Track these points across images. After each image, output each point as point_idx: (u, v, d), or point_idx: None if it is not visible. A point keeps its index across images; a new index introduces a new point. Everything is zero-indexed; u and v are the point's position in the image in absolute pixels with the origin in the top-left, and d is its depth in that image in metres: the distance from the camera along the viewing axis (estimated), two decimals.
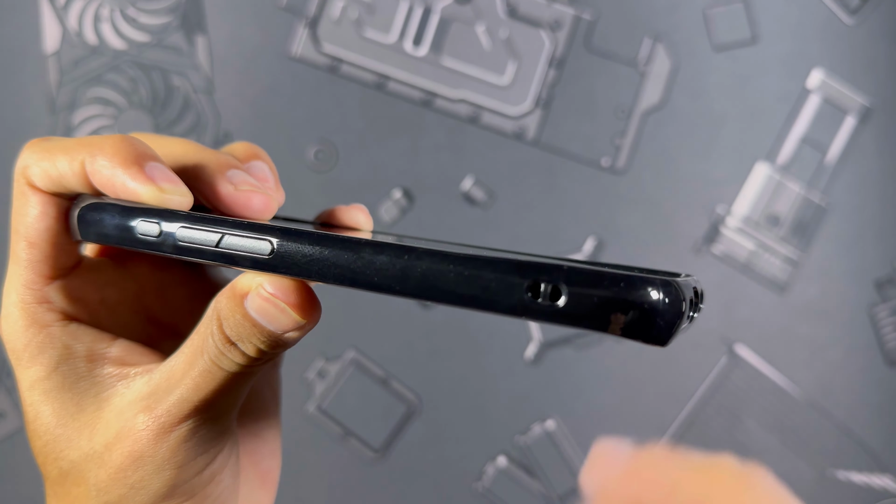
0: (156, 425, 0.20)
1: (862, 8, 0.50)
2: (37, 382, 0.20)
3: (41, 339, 0.20)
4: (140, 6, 0.47)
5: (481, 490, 0.51)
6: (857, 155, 0.51)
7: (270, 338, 0.19)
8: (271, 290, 0.18)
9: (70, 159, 0.19)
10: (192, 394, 0.19)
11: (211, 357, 0.19)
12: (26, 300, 0.20)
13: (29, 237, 0.20)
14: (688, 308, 0.14)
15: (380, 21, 0.49)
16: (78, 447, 0.20)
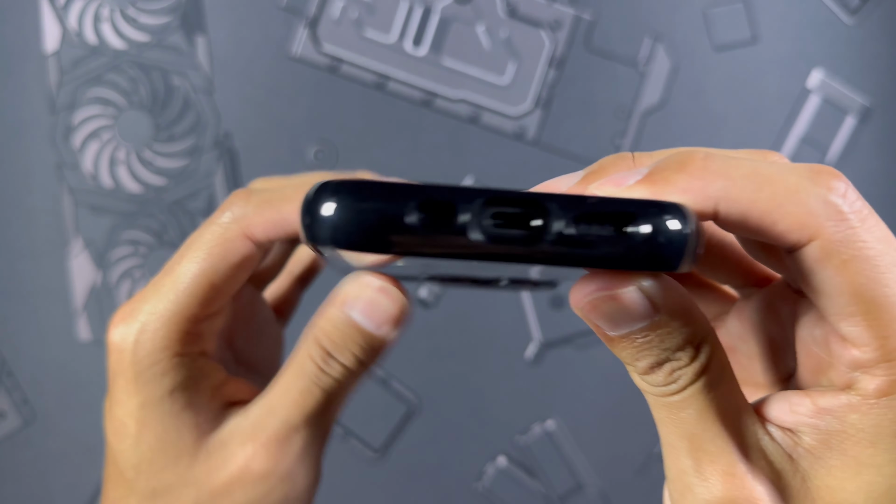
0: (265, 451, 0.21)
1: (862, 8, 0.50)
2: (152, 402, 0.21)
3: (171, 365, 0.21)
4: (140, 6, 0.48)
5: (481, 490, 0.51)
6: (856, 155, 0.51)
7: (369, 341, 0.20)
8: (377, 280, 0.19)
9: (297, 209, 0.18)
10: (294, 414, 0.21)
11: (309, 376, 0.20)
12: (177, 328, 0.21)
13: (215, 281, 0.21)
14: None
15: (380, 21, 0.49)
16: (175, 472, 0.21)
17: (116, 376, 0.22)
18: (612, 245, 0.15)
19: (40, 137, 0.47)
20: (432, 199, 0.14)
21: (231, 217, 0.21)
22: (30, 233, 0.48)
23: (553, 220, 0.14)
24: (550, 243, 0.15)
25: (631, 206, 0.15)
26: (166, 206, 0.48)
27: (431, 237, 0.14)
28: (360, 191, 0.15)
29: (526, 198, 0.15)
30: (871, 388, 0.17)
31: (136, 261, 0.48)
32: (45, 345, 0.48)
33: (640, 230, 0.14)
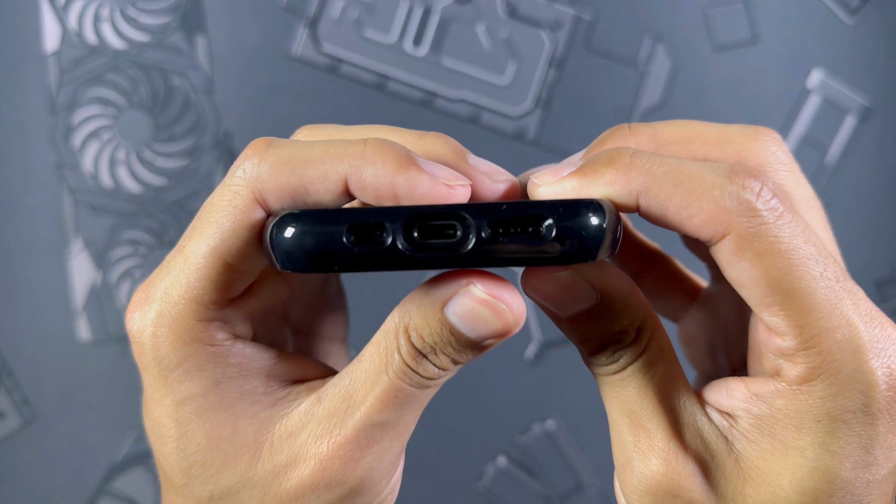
0: (342, 453, 0.18)
1: (862, 8, 0.50)
2: (190, 399, 0.19)
3: (204, 357, 0.19)
4: (140, 6, 0.48)
5: (481, 490, 0.51)
6: (857, 155, 0.51)
7: (468, 345, 0.18)
8: (487, 290, 0.17)
9: (323, 177, 0.17)
10: (376, 414, 0.18)
11: (396, 373, 0.18)
12: (195, 316, 0.18)
13: (228, 257, 0.18)
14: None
15: (380, 21, 0.49)
16: (234, 471, 0.19)
17: (144, 371, 0.19)
18: (527, 245, 0.16)
19: (40, 137, 0.47)
20: (361, 221, 0.16)
21: (242, 179, 0.18)
22: (30, 233, 0.48)
23: (470, 228, 0.16)
24: (471, 250, 0.16)
25: (538, 208, 0.16)
26: (166, 206, 0.48)
27: (366, 255, 0.16)
28: (303, 221, 0.16)
29: (444, 211, 0.16)
30: (793, 375, 0.18)
31: (136, 261, 0.48)
32: (45, 345, 0.48)
33: (548, 229, 0.16)
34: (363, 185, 0.17)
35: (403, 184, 0.17)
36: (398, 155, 0.17)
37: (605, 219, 0.16)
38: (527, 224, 0.16)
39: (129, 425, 0.49)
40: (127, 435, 0.49)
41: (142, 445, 0.49)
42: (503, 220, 0.16)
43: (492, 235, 0.16)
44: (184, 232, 0.19)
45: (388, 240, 0.16)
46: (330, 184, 0.17)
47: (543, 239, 0.16)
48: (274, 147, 0.18)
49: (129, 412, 0.49)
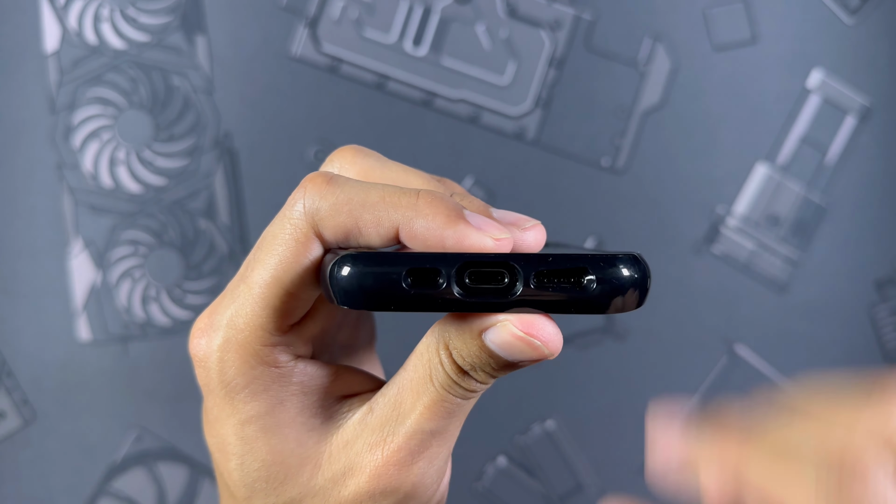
0: (396, 459, 0.19)
1: (862, 8, 0.50)
2: (256, 418, 0.20)
3: (269, 379, 0.20)
4: (140, 6, 0.48)
5: (481, 490, 0.51)
6: (857, 155, 0.51)
7: (506, 366, 0.19)
8: (522, 328, 0.18)
9: (377, 221, 0.18)
10: (425, 423, 0.19)
11: (441, 385, 0.19)
12: (258, 340, 0.20)
13: (287, 285, 0.19)
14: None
15: (380, 21, 0.49)
16: (297, 483, 0.20)
17: (209, 393, 0.21)
18: (570, 295, 0.18)
19: (40, 137, 0.47)
20: (419, 266, 0.17)
21: (302, 212, 0.19)
22: (29, 232, 0.48)
23: (518, 277, 0.17)
24: (518, 297, 0.17)
25: (582, 262, 0.17)
26: (166, 205, 0.48)
27: (422, 298, 0.18)
28: (364, 262, 0.18)
29: (495, 260, 0.18)
30: None
31: (136, 261, 0.48)
32: (45, 345, 0.48)
33: (589, 282, 0.17)
34: (414, 235, 0.18)
35: (452, 236, 0.18)
36: (448, 209, 0.18)
37: (641, 273, 0.18)
38: (570, 275, 0.17)
39: (129, 425, 0.49)
40: (127, 435, 0.49)
41: (142, 445, 0.49)
42: (549, 271, 0.17)
43: (538, 285, 0.17)
44: (183, 230, 0.20)
45: (443, 284, 0.17)
46: (383, 230, 0.19)
47: (585, 290, 0.18)
48: (333, 185, 0.19)
49: (128, 412, 0.49)
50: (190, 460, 0.49)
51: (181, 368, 0.49)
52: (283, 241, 0.19)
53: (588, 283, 0.17)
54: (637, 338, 0.51)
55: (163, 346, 0.49)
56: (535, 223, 0.19)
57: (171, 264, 0.48)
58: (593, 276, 0.17)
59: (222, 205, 0.49)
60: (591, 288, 0.17)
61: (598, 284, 0.17)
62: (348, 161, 0.22)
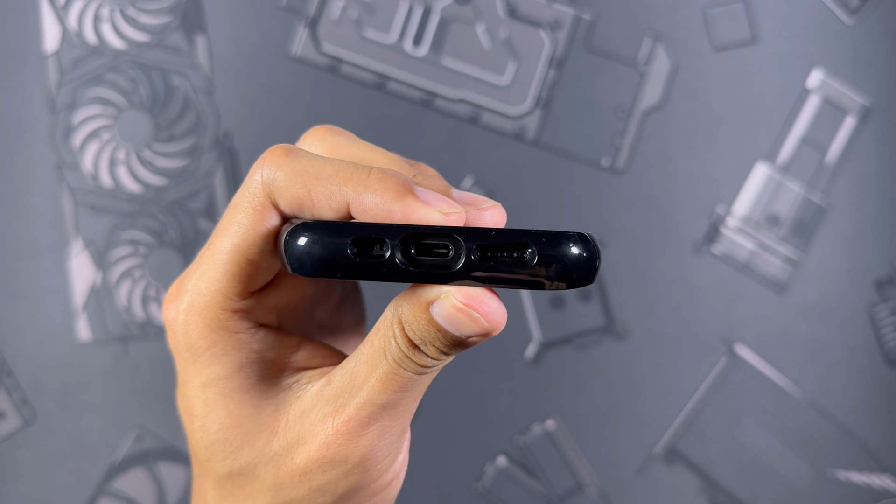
0: (345, 429, 0.20)
1: (862, 8, 0.50)
2: (215, 382, 0.21)
3: (229, 343, 0.21)
4: (140, 6, 0.48)
5: (481, 490, 0.51)
6: (857, 155, 0.51)
7: (454, 342, 0.19)
8: (463, 300, 0.18)
9: (329, 195, 0.19)
10: (377, 395, 0.20)
11: (394, 358, 0.19)
12: (220, 306, 0.20)
13: (246, 253, 0.20)
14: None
15: (380, 21, 0.49)
16: (253, 448, 0.21)
17: (177, 356, 0.22)
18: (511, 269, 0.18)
19: (40, 137, 0.47)
20: (365, 235, 0.18)
21: (259, 183, 0.20)
22: (29, 233, 0.48)
23: (461, 250, 0.18)
24: (460, 269, 0.18)
25: (523, 237, 0.18)
26: (166, 205, 0.48)
27: (366, 266, 0.18)
28: (313, 231, 0.18)
29: (438, 231, 0.18)
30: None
31: (136, 261, 0.48)
32: (45, 345, 0.48)
33: (531, 256, 0.18)
34: (363, 209, 0.19)
35: (400, 210, 0.18)
36: (397, 184, 0.19)
37: (586, 251, 0.18)
38: (513, 250, 0.18)
39: (129, 425, 0.49)
40: (127, 435, 0.49)
41: (142, 445, 0.49)
42: (491, 244, 0.18)
43: (480, 258, 0.18)
44: (183, 230, 0.21)
45: (387, 253, 0.18)
46: (334, 203, 0.19)
47: (525, 265, 0.18)
48: (291, 157, 0.20)
49: (129, 412, 0.49)
50: (190, 460, 0.49)
51: None
52: (242, 209, 0.20)
53: (529, 258, 0.18)
54: (637, 338, 0.51)
55: (163, 345, 0.49)
56: (494, 204, 0.19)
57: (171, 264, 0.48)
58: (534, 251, 0.18)
59: (222, 205, 0.49)
60: (532, 263, 0.18)
61: (538, 260, 0.18)
62: (318, 138, 0.22)
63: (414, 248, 0.18)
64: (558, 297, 0.51)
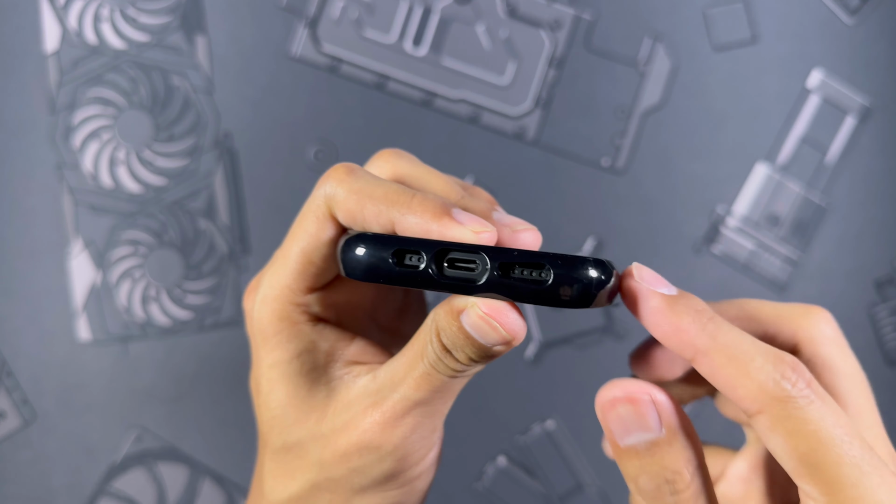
0: (382, 419, 0.23)
1: (862, 8, 0.50)
2: (278, 364, 0.24)
3: (291, 332, 0.24)
4: (140, 6, 0.48)
5: (481, 490, 0.51)
6: (856, 155, 0.51)
7: (481, 349, 0.21)
8: (485, 310, 0.20)
9: (378, 213, 0.22)
10: (412, 392, 0.22)
11: (430, 361, 0.22)
12: (286, 300, 0.24)
13: (310, 256, 0.24)
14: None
15: (380, 21, 0.49)
16: (304, 427, 0.24)
17: (252, 339, 0.25)
18: (529, 286, 0.20)
19: (40, 137, 0.47)
20: (403, 248, 0.21)
21: (322, 196, 0.23)
22: (30, 233, 0.48)
23: (487, 266, 0.20)
24: (484, 283, 0.20)
25: (542, 258, 0.20)
26: (166, 205, 0.48)
27: (403, 274, 0.21)
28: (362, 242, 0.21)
29: (465, 248, 0.20)
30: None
31: (136, 261, 0.48)
32: (45, 345, 0.48)
33: (546, 274, 0.20)
34: (406, 227, 0.22)
35: (436, 229, 0.21)
36: (435, 206, 0.21)
37: (601, 275, 0.20)
38: (532, 269, 0.20)
39: (129, 425, 0.49)
40: (127, 435, 0.49)
41: (142, 445, 0.49)
42: (512, 263, 0.20)
43: (502, 274, 0.20)
44: (183, 230, 0.22)
45: (422, 265, 0.21)
46: (381, 220, 0.22)
47: (542, 283, 0.20)
48: (350, 176, 0.23)
49: (129, 412, 0.49)
50: (190, 460, 0.49)
51: (181, 368, 0.49)
52: (308, 219, 0.23)
53: (545, 278, 0.20)
54: (637, 337, 0.51)
55: (163, 346, 0.49)
56: (530, 227, 0.22)
57: (171, 264, 0.48)
58: (550, 272, 0.20)
59: (222, 205, 0.49)
60: (548, 282, 0.20)
61: (553, 280, 0.20)
62: (384, 160, 0.26)
63: (446, 261, 0.21)
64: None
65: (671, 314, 0.21)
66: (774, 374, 0.20)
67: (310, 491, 0.24)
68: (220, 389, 0.49)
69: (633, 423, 0.21)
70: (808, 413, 0.20)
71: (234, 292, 0.49)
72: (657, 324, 0.21)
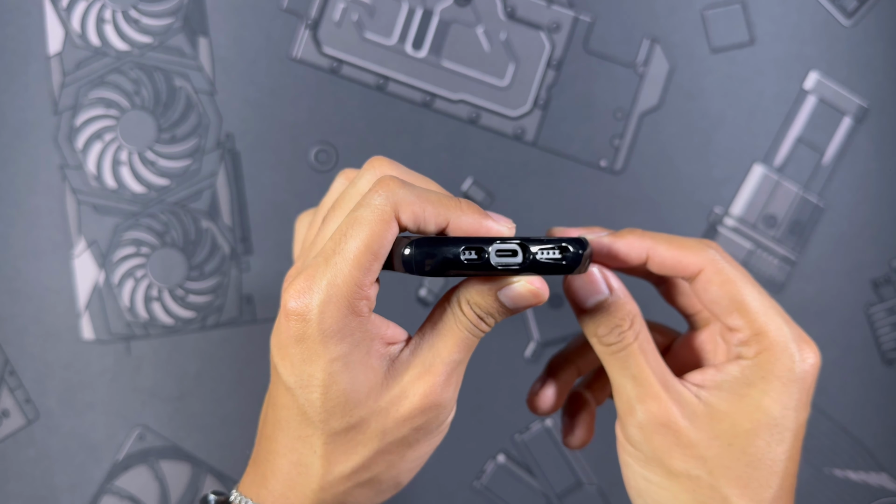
0: (439, 382, 0.28)
1: (859, 10, 0.50)
2: (341, 357, 0.27)
3: (356, 325, 0.27)
4: (142, 8, 0.48)
5: (480, 488, 0.51)
6: (853, 155, 0.51)
7: (509, 313, 0.28)
8: (537, 285, 0.27)
9: (437, 214, 0.27)
10: (455, 354, 0.28)
11: (466, 328, 0.28)
12: (356, 295, 0.26)
13: (377, 253, 0.26)
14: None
15: (380, 23, 0.49)
16: (366, 405, 0.27)
17: (303, 340, 0.27)
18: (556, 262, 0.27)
19: (43, 138, 0.48)
20: (472, 245, 0.26)
21: (384, 199, 0.26)
22: (33, 233, 0.48)
23: (528, 252, 0.27)
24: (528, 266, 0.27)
25: (564, 241, 0.27)
26: (168, 206, 0.49)
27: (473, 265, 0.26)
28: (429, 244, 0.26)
29: (515, 239, 0.27)
30: (749, 353, 0.30)
31: (138, 261, 0.49)
32: (49, 344, 0.48)
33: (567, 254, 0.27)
34: (460, 226, 0.27)
35: (485, 228, 0.27)
36: (479, 209, 0.27)
37: (587, 249, 0.27)
38: (556, 250, 0.26)
39: (132, 424, 0.49)
40: (129, 433, 0.49)
41: (144, 444, 0.49)
42: (545, 247, 0.26)
43: (533, 257, 0.26)
44: (185, 230, 0.23)
45: (486, 257, 0.26)
46: (440, 219, 0.27)
47: (564, 258, 0.27)
48: (404, 186, 0.27)
49: (131, 411, 0.49)
50: (192, 458, 0.50)
51: (184, 367, 0.49)
52: (370, 220, 0.26)
53: (565, 254, 0.27)
54: None
55: (165, 345, 0.49)
56: (511, 221, 0.28)
57: (174, 264, 0.49)
58: (570, 249, 0.27)
59: (224, 205, 0.49)
60: (569, 256, 0.27)
61: (572, 254, 0.27)
62: (387, 168, 0.29)
63: (496, 252, 0.26)
64: (558, 297, 0.51)
65: (632, 236, 0.32)
66: (708, 248, 0.31)
67: (372, 457, 0.28)
68: (223, 388, 0.50)
69: (590, 290, 0.30)
70: (733, 270, 0.30)
71: (235, 292, 0.49)
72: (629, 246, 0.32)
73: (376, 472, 0.29)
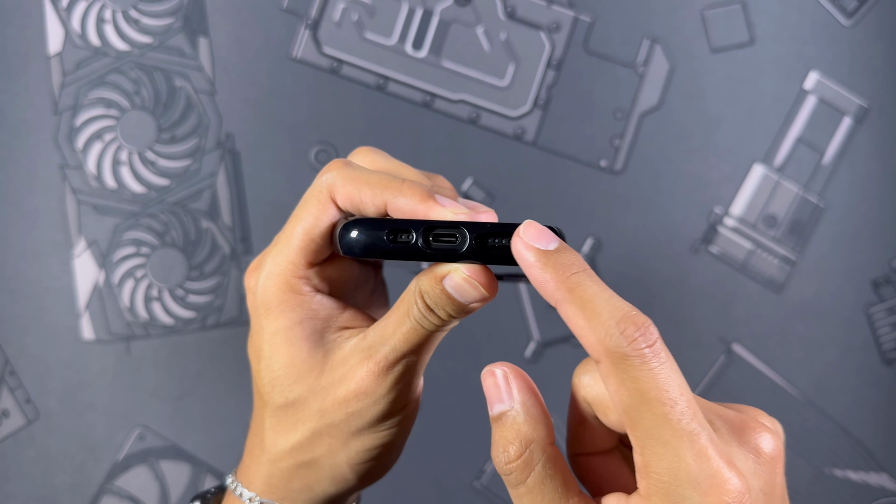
0: (377, 368, 0.27)
1: (858, 10, 0.50)
2: (282, 330, 0.27)
3: (294, 301, 0.27)
4: (142, 8, 0.48)
5: (480, 488, 0.51)
6: (853, 155, 0.51)
7: (459, 307, 0.26)
8: (468, 273, 0.25)
9: (374, 195, 0.26)
10: (401, 345, 0.26)
11: (416, 318, 0.26)
12: (291, 273, 0.27)
13: (311, 234, 0.27)
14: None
15: (380, 23, 0.49)
16: (305, 383, 0.27)
17: (253, 312, 0.28)
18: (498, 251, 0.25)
19: (44, 138, 0.48)
20: (397, 227, 0.25)
21: (324, 183, 0.27)
22: (33, 233, 0.48)
23: (466, 237, 0.25)
24: (465, 251, 0.25)
25: (511, 228, 0.24)
26: (168, 206, 0.49)
27: (397, 249, 0.25)
28: (359, 224, 0.25)
29: (449, 224, 0.25)
30: (641, 488, 0.22)
31: (138, 260, 0.49)
32: (49, 344, 0.48)
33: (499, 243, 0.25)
34: (397, 208, 0.26)
35: (423, 209, 0.25)
36: (422, 191, 0.26)
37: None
38: (501, 237, 0.25)
39: (132, 424, 0.49)
40: (129, 433, 0.49)
41: (144, 444, 0.49)
42: (486, 233, 0.25)
43: (479, 243, 0.25)
44: (185, 230, 0.23)
45: (412, 240, 0.25)
46: (378, 201, 0.26)
47: (510, 248, 0.24)
48: (347, 167, 0.27)
49: (131, 411, 0.49)
50: (192, 458, 0.50)
51: (183, 367, 0.49)
52: (311, 203, 0.27)
53: (462, 239, 0.25)
54: None
55: (165, 344, 0.49)
56: (488, 209, 0.26)
57: (174, 264, 0.49)
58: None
59: (224, 205, 0.49)
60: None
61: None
62: (363, 155, 0.29)
63: (431, 236, 0.25)
64: None
65: (540, 267, 0.23)
66: (614, 330, 0.22)
67: (311, 437, 0.28)
68: (222, 388, 0.50)
69: (493, 395, 0.26)
70: (639, 372, 0.21)
71: (236, 292, 0.49)
72: (530, 275, 0.24)
73: (317, 455, 0.28)
